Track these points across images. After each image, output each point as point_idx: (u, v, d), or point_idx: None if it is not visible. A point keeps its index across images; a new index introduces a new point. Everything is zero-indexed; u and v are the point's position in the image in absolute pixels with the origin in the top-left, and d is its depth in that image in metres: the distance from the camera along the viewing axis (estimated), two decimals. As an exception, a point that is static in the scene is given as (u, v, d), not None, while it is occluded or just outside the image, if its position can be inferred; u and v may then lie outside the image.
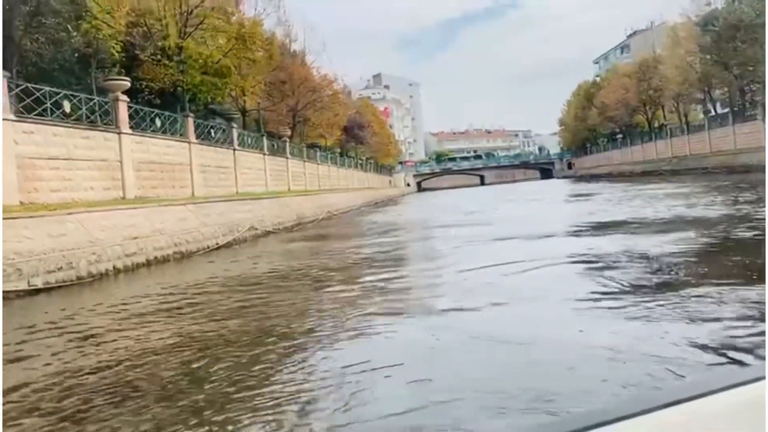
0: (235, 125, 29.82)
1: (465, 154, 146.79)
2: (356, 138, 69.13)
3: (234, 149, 28.75)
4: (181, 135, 23.60)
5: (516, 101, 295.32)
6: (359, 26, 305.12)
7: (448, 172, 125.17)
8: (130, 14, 22.59)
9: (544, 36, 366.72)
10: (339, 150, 61.08)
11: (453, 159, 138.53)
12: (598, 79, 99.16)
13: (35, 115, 16.07)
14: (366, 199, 54.38)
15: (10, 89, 15.40)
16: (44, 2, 20.07)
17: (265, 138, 34.12)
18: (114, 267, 12.39)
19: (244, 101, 34.92)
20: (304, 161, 43.41)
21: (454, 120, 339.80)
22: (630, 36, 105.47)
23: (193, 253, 15.50)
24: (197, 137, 24.88)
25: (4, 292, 9.73)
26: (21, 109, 15.78)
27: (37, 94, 16.48)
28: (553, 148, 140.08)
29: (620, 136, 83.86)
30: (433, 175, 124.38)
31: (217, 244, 16.84)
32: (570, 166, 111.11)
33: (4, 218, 10.80)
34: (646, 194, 29.75)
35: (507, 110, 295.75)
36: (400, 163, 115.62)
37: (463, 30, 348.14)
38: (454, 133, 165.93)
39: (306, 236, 21.70)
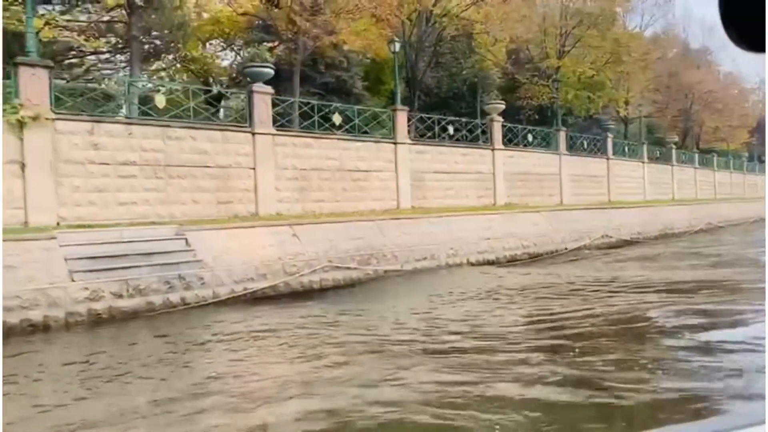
0: (610, 135, 30.43)
1: None
2: (772, 140, 59.96)
3: (608, 158, 29.47)
4: (552, 148, 25.77)
5: None
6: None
7: None
8: (509, 44, 25.84)
9: None
10: (746, 155, 54.23)
11: None
12: None
13: (427, 138, 20.52)
14: (779, 210, 46.97)
15: (408, 119, 20.12)
16: (443, 45, 24.79)
17: (645, 145, 33.60)
18: (467, 260, 15.32)
19: (627, 110, 35.03)
20: (695, 168, 40.53)
21: None
22: None
23: (540, 255, 17.45)
24: (569, 149, 26.67)
25: (390, 270, 13.45)
26: (417, 134, 20.43)
27: (428, 122, 20.91)
28: None
29: None
30: None
31: (566, 248, 18.39)
32: None
33: (393, 218, 14.74)
34: None
35: None
36: None
37: None
38: None
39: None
